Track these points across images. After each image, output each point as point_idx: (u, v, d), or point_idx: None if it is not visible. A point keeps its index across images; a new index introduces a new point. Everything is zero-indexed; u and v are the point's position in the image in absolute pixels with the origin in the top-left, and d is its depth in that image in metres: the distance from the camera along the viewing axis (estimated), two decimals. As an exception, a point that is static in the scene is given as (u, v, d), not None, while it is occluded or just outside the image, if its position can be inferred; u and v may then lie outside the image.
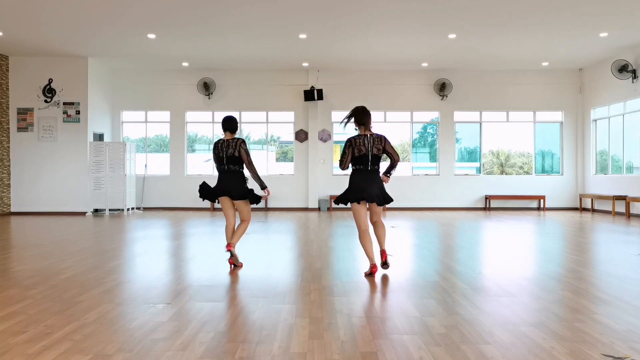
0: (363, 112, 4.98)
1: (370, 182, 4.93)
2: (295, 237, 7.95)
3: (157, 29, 10.08)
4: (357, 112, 5.00)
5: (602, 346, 2.90)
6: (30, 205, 12.41)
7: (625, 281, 4.60)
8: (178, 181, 13.93)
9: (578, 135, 13.96)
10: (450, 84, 13.66)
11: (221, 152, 5.28)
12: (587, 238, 7.90)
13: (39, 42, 11.07)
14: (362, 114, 4.98)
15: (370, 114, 5.04)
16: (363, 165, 4.94)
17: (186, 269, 5.30)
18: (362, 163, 4.94)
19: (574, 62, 12.95)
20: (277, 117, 14.13)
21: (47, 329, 3.20)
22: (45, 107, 12.41)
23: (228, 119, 5.35)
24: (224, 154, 5.26)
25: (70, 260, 5.74)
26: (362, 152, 4.91)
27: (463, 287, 4.37)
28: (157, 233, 8.56)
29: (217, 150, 5.30)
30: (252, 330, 3.20)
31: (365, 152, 4.91)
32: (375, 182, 4.96)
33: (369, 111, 5.04)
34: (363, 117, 4.98)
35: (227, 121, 5.33)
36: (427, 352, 2.81)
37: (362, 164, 4.94)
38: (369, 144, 4.93)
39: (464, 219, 10.96)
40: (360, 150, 4.91)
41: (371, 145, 4.93)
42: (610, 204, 12.53)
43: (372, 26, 9.83)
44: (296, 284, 4.55)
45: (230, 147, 5.24)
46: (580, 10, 8.89)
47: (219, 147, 5.30)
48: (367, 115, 4.99)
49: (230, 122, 5.32)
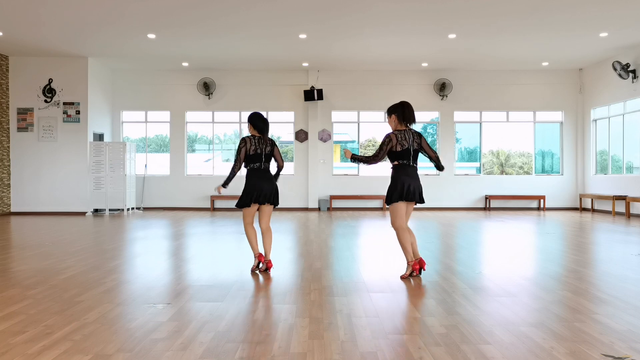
0: (409, 107, 4.81)
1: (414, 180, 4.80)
2: (295, 237, 7.95)
3: (157, 29, 10.08)
4: (403, 107, 4.79)
5: (602, 346, 2.90)
6: (30, 205, 12.41)
7: (625, 281, 4.60)
8: (178, 181, 13.93)
9: (578, 135, 13.96)
10: (450, 84, 13.66)
11: (259, 149, 5.07)
12: (587, 238, 7.90)
13: (39, 42, 11.07)
14: (409, 109, 4.80)
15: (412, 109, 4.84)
16: (406, 161, 4.77)
17: (186, 269, 5.30)
18: (405, 158, 4.77)
19: (574, 62, 12.95)
20: (277, 117, 14.13)
21: (47, 329, 3.20)
22: (45, 107, 12.41)
23: (265, 119, 5.21)
24: (263, 151, 5.07)
25: (70, 260, 5.74)
26: (404, 147, 4.72)
27: (463, 287, 4.37)
28: (157, 233, 8.56)
29: (255, 147, 5.06)
30: (252, 330, 3.20)
31: (407, 147, 4.73)
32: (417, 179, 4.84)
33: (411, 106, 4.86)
34: (409, 112, 4.80)
35: (265, 122, 5.18)
36: (427, 352, 2.81)
37: (405, 159, 4.77)
38: (410, 139, 4.76)
39: (464, 219, 10.96)
40: (403, 145, 4.72)
41: (412, 140, 4.76)
42: (610, 204, 12.52)
43: (372, 26, 9.83)
44: (296, 284, 4.55)
45: (267, 144, 5.12)
46: (580, 10, 8.89)
47: (256, 143, 5.08)
48: (411, 110, 4.82)
49: (267, 124, 5.19)
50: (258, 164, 5.08)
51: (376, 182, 13.82)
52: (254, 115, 5.19)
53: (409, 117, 4.78)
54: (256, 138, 5.10)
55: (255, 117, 5.17)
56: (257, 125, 5.13)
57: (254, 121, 5.14)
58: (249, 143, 5.05)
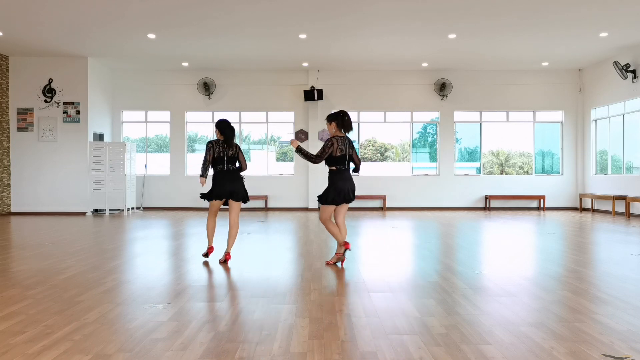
0: (347, 116, 5.43)
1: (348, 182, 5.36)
2: (295, 237, 7.95)
3: (157, 29, 10.08)
4: (343, 116, 5.38)
5: (602, 346, 2.90)
6: (30, 205, 12.41)
7: (625, 281, 4.60)
8: (178, 181, 13.93)
9: (578, 135, 13.96)
10: (450, 84, 13.66)
11: (222, 152, 5.58)
12: (587, 238, 7.90)
13: (39, 42, 11.07)
14: (347, 118, 5.42)
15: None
16: (341, 166, 5.32)
17: (186, 269, 5.30)
18: (341, 163, 5.31)
19: (574, 62, 12.95)
20: (277, 117, 14.13)
21: (47, 329, 3.20)
22: (45, 107, 12.41)
23: (232, 127, 5.70)
24: (225, 155, 5.60)
25: (70, 260, 5.74)
26: (342, 152, 5.27)
27: (463, 287, 4.37)
28: (157, 233, 8.56)
29: (219, 150, 5.59)
30: (252, 330, 3.20)
31: (344, 153, 5.29)
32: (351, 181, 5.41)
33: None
34: (347, 121, 5.41)
35: (232, 130, 5.68)
36: (427, 352, 2.82)
37: (341, 164, 5.32)
38: (346, 145, 5.34)
39: (464, 219, 10.96)
40: (342, 150, 5.27)
41: (347, 147, 5.34)
42: (610, 204, 12.53)
43: (372, 26, 9.83)
44: (296, 284, 4.55)
45: (232, 149, 5.64)
46: (580, 10, 8.89)
47: (220, 147, 5.61)
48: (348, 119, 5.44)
49: (233, 131, 5.70)
50: (221, 166, 5.64)
51: (376, 182, 13.83)
52: (222, 122, 5.72)
53: (347, 126, 5.38)
54: (221, 142, 5.64)
55: (223, 124, 5.69)
56: (224, 132, 5.65)
57: (221, 128, 5.67)
58: (215, 146, 5.63)
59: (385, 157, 14.73)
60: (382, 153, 14.75)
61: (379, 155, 14.74)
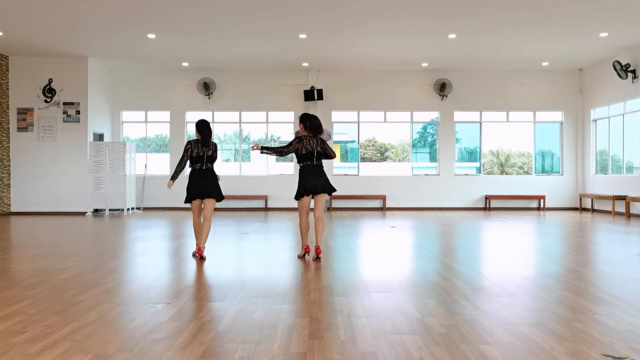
0: (314, 120, 5.80)
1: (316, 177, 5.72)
2: (295, 237, 7.95)
3: (157, 29, 10.08)
4: (310, 119, 5.79)
5: (602, 346, 2.89)
6: (30, 205, 12.41)
7: (625, 281, 4.60)
8: (178, 181, 13.73)
9: (578, 135, 13.96)
10: (450, 84, 13.66)
11: (201, 152, 5.78)
12: (587, 238, 7.90)
13: (39, 42, 11.07)
14: (314, 121, 5.79)
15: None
16: (309, 162, 5.70)
17: (186, 269, 5.30)
18: (308, 159, 5.70)
19: (574, 62, 12.95)
20: (277, 117, 14.13)
21: (47, 329, 3.20)
22: (45, 107, 12.41)
23: (209, 127, 5.92)
24: (205, 154, 5.80)
25: (70, 260, 5.74)
26: (308, 150, 5.66)
27: (463, 287, 4.37)
28: (157, 233, 8.56)
29: (197, 149, 5.78)
30: (252, 330, 3.20)
31: (311, 150, 5.67)
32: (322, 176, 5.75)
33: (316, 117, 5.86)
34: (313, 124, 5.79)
35: (209, 130, 5.89)
36: (427, 352, 2.81)
37: (308, 160, 5.70)
38: (314, 143, 5.72)
39: (464, 219, 10.96)
40: (307, 148, 5.65)
41: (315, 145, 5.71)
42: (610, 204, 12.52)
43: (372, 26, 9.83)
44: (296, 284, 4.55)
45: (210, 148, 5.84)
46: (580, 10, 8.89)
47: (199, 147, 5.80)
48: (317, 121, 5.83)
49: (210, 131, 5.92)
50: (199, 165, 5.81)
51: (376, 182, 13.83)
52: (201, 123, 5.87)
53: (313, 128, 5.74)
54: (199, 142, 5.80)
55: (202, 124, 5.85)
56: (202, 132, 5.82)
57: (199, 128, 5.84)
58: (194, 146, 5.79)
59: (385, 157, 14.73)
60: (382, 153, 14.76)
61: (379, 155, 14.75)
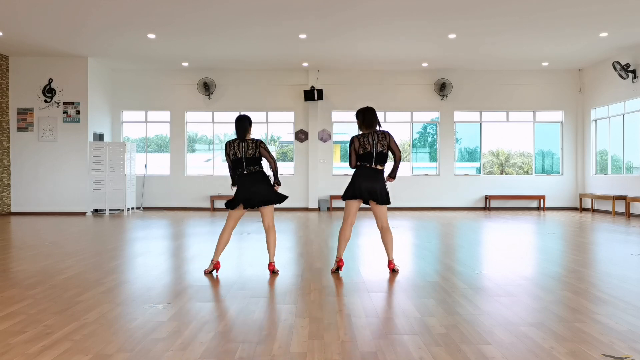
0: (369, 112, 4.98)
1: (371, 180, 4.90)
2: (295, 237, 7.95)
3: (157, 29, 10.07)
4: (364, 113, 4.97)
5: (602, 346, 2.90)
6: (30, 205, 12.41)
7: (625, 281, 4.60)
8: (178, 181, 13.92)
9: (578, 135, 13.96)
10: (450, 84, 13.66)
11: (238, 153, 4.84)
12: (587, 238, 7.90)
13: (39, 42, 11.06)
14: (369, 114, 4.97)
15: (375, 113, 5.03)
16: (367, 163, 4.91)
17: (186, 269, 5.30)
18: (366, 160, 4.91)
19: (574, 62, 12.95)
20: (277, 117, 14.13)
21: (47, 329, 3.20)
22: (45, 107, 12.41)
23: (241, 118, 4.94)
24: (243, 155, 4.82)
25: (70, 260, 5.74)
26: (366, 150, 4.89)
27: (463, 287, 4.37)
28: (157, 233, 8.56)
29: (234, 151, 4.85)
30: (252, 330, 3.20)
31: (370, 150, 4.88)
32: (378, 181, 4.92)
33: (374, 110, 5.03)
34: (367, 117, 4.97)
35: (242, 124, 4.92)
36: (427, 352, 2.81)
37: (366, 161, 4.91)
38: (374, 141, 4.89)
39: (464, 219, 10.96)
40: (365, 148, 4.89)
41: (375, 143, 4.88)
42: (610, 204, 12.52)
43: (372, 26, 9.83)
44: (296, 284, 4.55)
45: (249, 147, 4.83)
46: (580, 10, 8.89)
47: (235, 148, 4.86)
48: (373, 114, 4.99)
49: (242, 124, 4.92)
50: (240, 169, 4.87)
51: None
52: (236, 118, 4.99)
53: (366, 122, 4.93)
54: (236, 142, 4.88)
55: (235, 120, 4.96)
56: (236, 129, 4.93)
57: (235, 124, 4.97)
58: (229, 148, 4.89)
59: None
60: (382, 153, 14.73)
61: (379, 155, 14.72)
